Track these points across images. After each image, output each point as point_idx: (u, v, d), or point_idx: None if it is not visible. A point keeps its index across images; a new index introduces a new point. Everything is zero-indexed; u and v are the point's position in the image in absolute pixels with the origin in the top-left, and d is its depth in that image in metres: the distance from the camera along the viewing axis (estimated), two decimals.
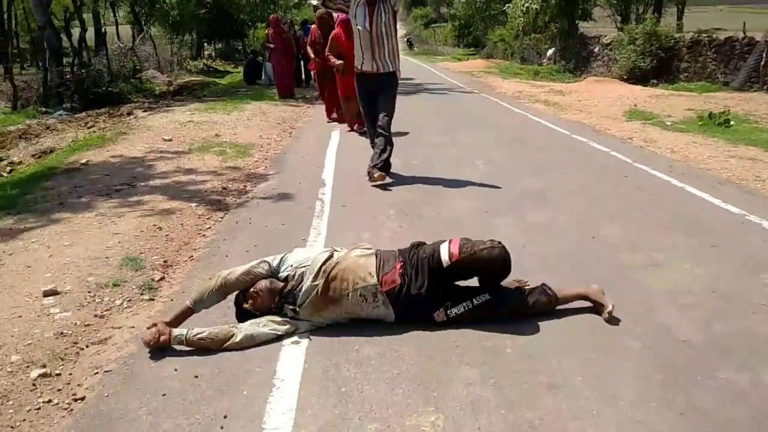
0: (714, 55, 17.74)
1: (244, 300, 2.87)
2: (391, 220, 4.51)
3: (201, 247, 4.02)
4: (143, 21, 22.79)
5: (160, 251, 3.88)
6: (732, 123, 8.74)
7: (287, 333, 2.77)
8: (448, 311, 2.81)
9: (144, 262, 3.68)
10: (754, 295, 3.13)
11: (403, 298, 2.77)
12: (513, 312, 2.86)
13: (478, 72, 21.26)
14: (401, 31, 57.39)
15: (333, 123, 9.20)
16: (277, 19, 12.77)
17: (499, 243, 2.84)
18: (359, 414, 2.22)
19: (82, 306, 3.08)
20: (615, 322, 2.83)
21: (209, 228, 4.43)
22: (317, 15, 8.90)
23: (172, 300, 3.21)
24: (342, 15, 5.54)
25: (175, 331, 2.67)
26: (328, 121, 9.36)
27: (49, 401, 2.34)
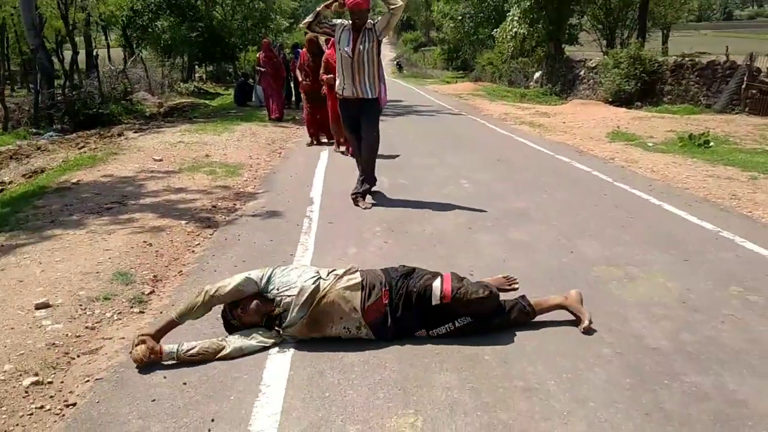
0: (697, 79, 18.18)
1: (231, 316, 2.94)
2: (377, 236, 4.63)
3: (190, 263, 4.12)
4: (135, 44, 23.05)
5: (149, 266, 3.97)
6: (711, 144, 8.98)
7: (274, 344, 2.87)
8: (429, 331, 2.92)
9: (134, 276, 3.77)
10: (722, 307, 3.27)
11: (387, 326, 2.87)
12: (493, 329, 2.97)
13: (465, 94, 21.58)
14: (392, 54, 58.14)
15: (315, 146, 9.21)
16: (269, 44, 13.01)
17: (493, 291, 2.93)
18: (342, 416, 2.32)
19: (73, 318, 3.17)
20: (590, 332, 2.95)
21: (198, 244, 4.53)
22: (307, 38, 9.05)
23: (161, 312, 3.29)
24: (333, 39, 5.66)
25: (166, 348, 2.73)
26: (308, 144, 9.33)
27: (42, 407, 2.42)
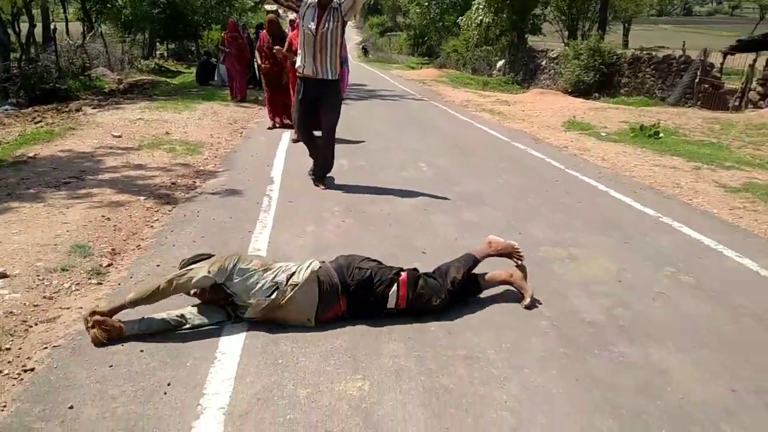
0: (653, 72, 18.75)
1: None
2: (336, 215, 4.74)
3: (148, 237, 4.16)
4: (94, 18, 22.41)
5: (108, 240, 4.01)
6: (661, 135, 9.36)
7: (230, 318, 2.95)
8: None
9: (92, 249, 3.80)
10: (655, 285, 3.51)
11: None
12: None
13: (429, 81, 21.73)
14: (358, 38, 57.78)
15: (273, 129, 9.01)
16: (234, 23, 12.79)
17: (448, 294, 3.02)
18: (293, 381, 2.45)
19: (30, 288, 3.20)
20: (531, 307, 3.14)
21: (157, 220, 4.57)
22: (267, 18, 9.02)
23: (119, 284, 3.35)
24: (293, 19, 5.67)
25: (127, 327, 2.74)
26: (269, 128, 9.11)
27: (0, 372, 2.48)
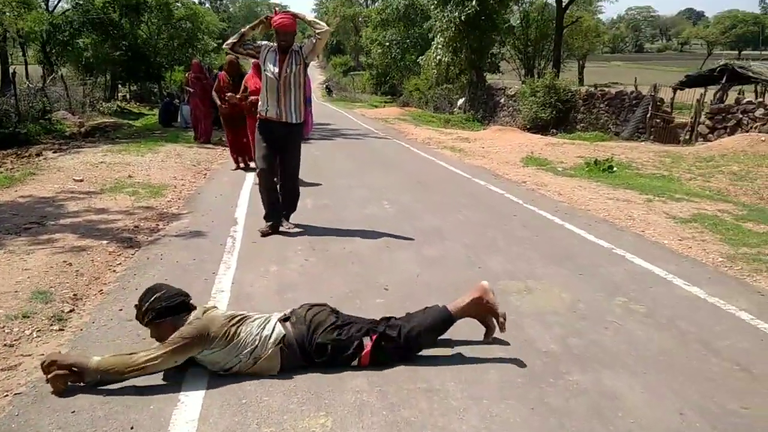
0: (606, 108, 19.51)
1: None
2: (299, 254, 4.81)
3: (111, 282, 4.16)
4: (54, 61, 22.33)
5: (70, 285, 3.99)
6: (615, 169, 9.73)
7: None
8: None
9: (54, 295, 3.79)
10: (607, 314, 3.66)
11: None
12: None
13: (392, 119, 22.10)
14: (321, 78, 58.54)
15: (237, 171, 8.99)
16: (199, 64, 12.83)
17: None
18: (257, 420, 2.49)
19: None
20: (488, 338, 3.23)
21: (120, 264, 4.56)
22: (227, 60, 8.93)
23: (81, 330, 3.34)
24: (255, 60, 5.69)
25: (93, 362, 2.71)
26: (233, 169, 9.10)
27: None
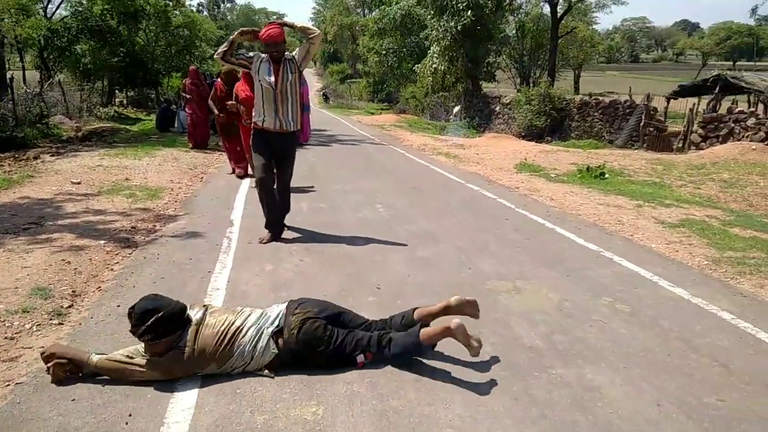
0: (600, 116, 19.70)
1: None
2: (294, 255, 4.91)
3: (109, 279, 4.25)
4: (51, 66, 22.43)
5: (68, 282, 4.08)
6: (607, 176, 9.86)
7: None
8: None
9: (53, 291, 3.87)
10: (592, 313, 3.77)
11: None
12: None
13: (388, 126, 22.24)
14: (318, 85, 58.75)
15: (233, 175, 9.06)
16: (196, 71, 12.86)
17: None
18: (251, 408, 2.59)
19: None
20: (476, 335, 3.33)
21: (117, 263, 4.65)
22: (224, 69, 8.91)
23: (80, 324, 3.44)
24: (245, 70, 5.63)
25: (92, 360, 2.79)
26: (229, 173, 9.22)
27: None
